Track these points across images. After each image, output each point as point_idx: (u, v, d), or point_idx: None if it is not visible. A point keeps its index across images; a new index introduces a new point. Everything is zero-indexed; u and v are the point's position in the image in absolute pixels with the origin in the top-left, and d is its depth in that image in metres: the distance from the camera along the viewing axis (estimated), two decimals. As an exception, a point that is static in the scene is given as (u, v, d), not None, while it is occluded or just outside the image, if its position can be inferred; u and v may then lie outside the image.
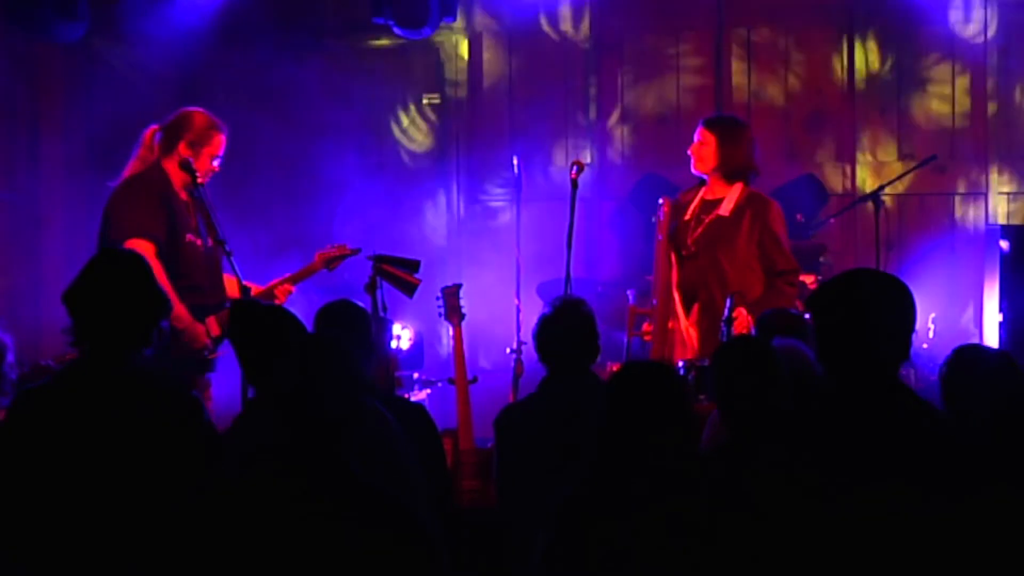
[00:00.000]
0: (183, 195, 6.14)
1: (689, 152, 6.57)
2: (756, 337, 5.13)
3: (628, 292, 6.87)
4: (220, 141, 6.18)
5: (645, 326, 6.65)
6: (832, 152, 8.82)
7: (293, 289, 6.36)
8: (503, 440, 4.96)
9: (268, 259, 6.78)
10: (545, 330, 4.95)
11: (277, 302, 6.32)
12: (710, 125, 6.58)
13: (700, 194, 6.61)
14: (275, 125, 8.50)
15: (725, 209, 6.52)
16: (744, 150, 6.55)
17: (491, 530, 5.14)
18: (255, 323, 4.14)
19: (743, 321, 6.24)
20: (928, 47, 8.70)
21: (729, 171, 6.53)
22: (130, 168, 6.14)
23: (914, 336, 3.38)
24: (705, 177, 6.57)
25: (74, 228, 8.10)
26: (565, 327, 4.92)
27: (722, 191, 6.55)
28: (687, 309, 6.53)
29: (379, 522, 3.34)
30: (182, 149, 6.12)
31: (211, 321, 6.08)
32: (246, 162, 8.31)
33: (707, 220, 6.54)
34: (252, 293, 6.34)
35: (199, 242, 6.10)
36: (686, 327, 6.53)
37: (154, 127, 6.19)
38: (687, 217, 6.59)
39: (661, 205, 6.65)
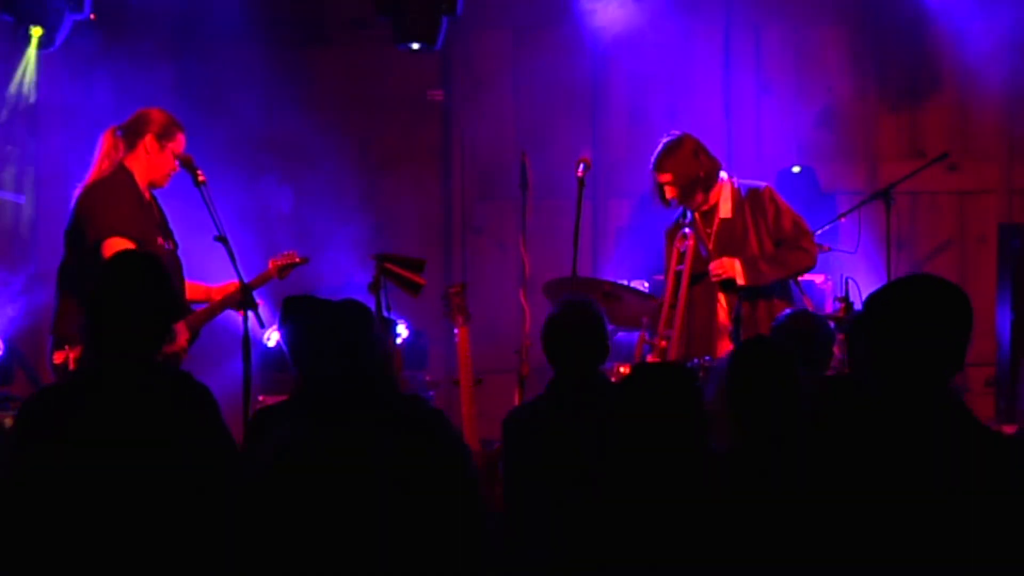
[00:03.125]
0: (147, 196, 6.04)
1: (669, 199, 6.56)
2: (772, 339, 5.08)
3: (642, 318, 6.81)
4: (182, 139, 6.08)
5: (649, 358, 6.60)
6: (842, 150, 8.76)
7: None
8: (510, 441, 4.91)
9: (265, 258, 6.71)
10: (553, 330, 4.90)
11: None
12: (658, 167, 6.58)
13: (696, 211, 6.62)
14: (275, 121, 8.45)
15: (724, 211, 6.57)
16: (698, 163, 6.56)
17: (495, 533, 5.10)
18: (312, 318, 4.04)
19: (726, 267, 6.36)
20: (939, 44, 8.63)
21: (702, 187, 6.54)
22: (96, 171, 6.02)
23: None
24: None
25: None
26: (573, 327, 4.86)
27: (713, 197, 6.57)
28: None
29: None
30: (149, 143, 6.00)
31: (181, 325, 5.98)
32: (246, 159, 8.26)
33: (714, 230, 6.52)
34: (208, 294, 6.29)
35: (167, 245, 6.04)
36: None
37: (112, 127, 6.08)
38: (693, 241, 6.57)
39: (687, 236, 6.60)
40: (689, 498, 3.60)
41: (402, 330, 7.60)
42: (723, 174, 6.63)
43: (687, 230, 6.63)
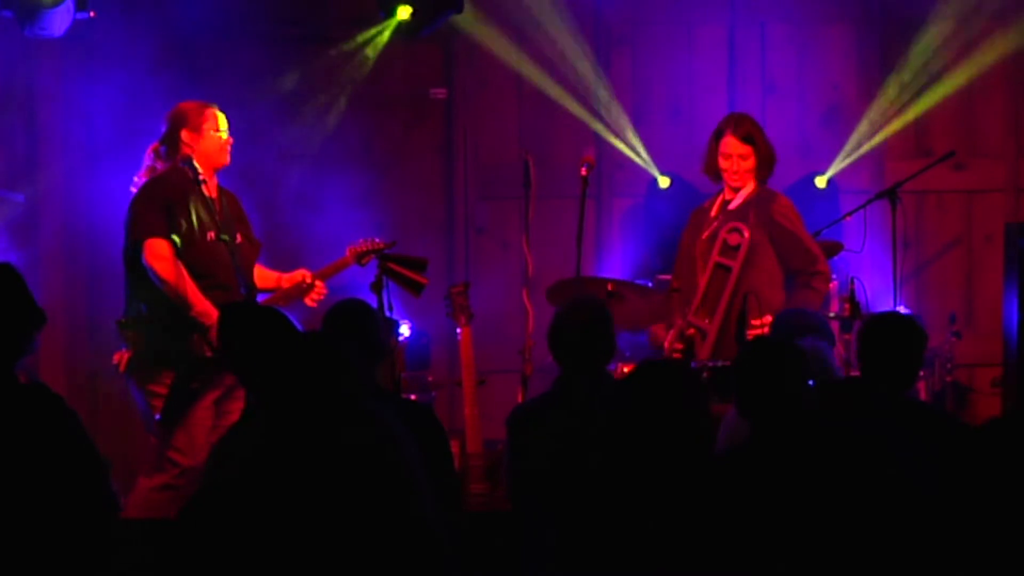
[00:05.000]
0: (208, 192, 6.08)
1: (726, 169, 6.44)
2: (779, 339, 5.04)
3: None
4: (213, 114, 6.16)
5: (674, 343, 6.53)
6: (848, 148, 8.71)
7: (325, 293, 6.35)
8: (515, 439, 4.88)
9: (269, 258, 6.68)
10: (559, 328, 4.87)
11: (309, 302, 6.28)
12: (745, 135, 6.44)
13: (721, 198, 6.55)
14: (277, 119, 8.41)
15: (733, 207, 6.47)
16: (772, 148, 6.51)
17: (499, 534, 5.07)
18: (247, 325, 4.03)
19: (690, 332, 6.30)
20: (946, 41, 8.58)
21: (769, 172, 6.50)
22: (147, 173, 6.15)
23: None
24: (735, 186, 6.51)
25: (73, 227, 8.02)
26: (580, 325, 4.83)
27: (738, 195, 6.50)
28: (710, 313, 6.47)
29: (382, 526, 3.28)
30: (186, 136, 6.08)
31: None
32: (248, 157, 8.22)
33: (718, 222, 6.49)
34: (279, 284, 6.36)
35: (223, 239, 6.06)
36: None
37: (155, 144, 6.17)
38: (748, 235, 6.48)
39: (741, 231, 6.43)
40: (693, 497, 3.57)
41: (404, 330, 7.56)
42: None
43: (740, 224, 6.46)
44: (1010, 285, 7.79)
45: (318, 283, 6.40)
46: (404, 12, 8.02)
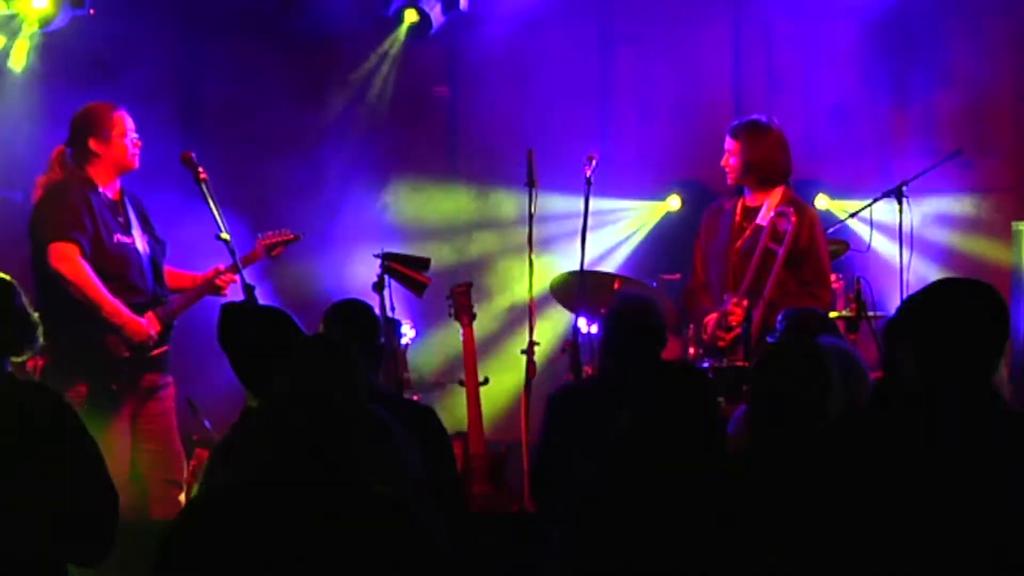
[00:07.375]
0: (112, 195, 6.09)
1: (722, 166, 6.48)
2: (809, 340, 5.00)
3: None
4: (121, 118, 6.11)
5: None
6: (854, 147, 8.69)
7: (236, 279, 6.18)
8: (552, 418, 4.87)
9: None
10: (609, 322, 4.88)
11: (222, 292, 6.24)
12: (734, 133, 6.52)
13: (742, 200, 6.52)
14: (278, 118, 8.39)
15: (763, 218, 6.43)
16: (769, 153, 6.47)
17: (501, 535, 5.05)
18: (247, 326, 3.98)
19: (738, 316, 6.23)
20: (951, 39, 8.56)
21: (760, 177, 6.43)
22: (47, 178, 6.10)
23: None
24: (744, 185, 6.50)
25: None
26: (635, 318, 4.83)
27: (761, 197, 6.47)
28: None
29: (382, 530, 3.25)
30: (94, 145, 6.05)
31: (150, 316, 6.02)
32: (248, 154, 8.20)
33: (748, 229, 6.46)
34: (194, 283, 6.28)
35: (129, 240, 6.06)
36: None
37: (60, 147, 6.13)
38: (795, 218, 6.43)
39: (788, 216, 6.39)
40: (706, 495, 3.56)
41: (407, 330, 7.53)
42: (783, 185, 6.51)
43: (788, 209, 6.39)
44: (1017, 284, 7.77)
45: (219, 281, 6.28)
46: (412, 16, 8.06)
